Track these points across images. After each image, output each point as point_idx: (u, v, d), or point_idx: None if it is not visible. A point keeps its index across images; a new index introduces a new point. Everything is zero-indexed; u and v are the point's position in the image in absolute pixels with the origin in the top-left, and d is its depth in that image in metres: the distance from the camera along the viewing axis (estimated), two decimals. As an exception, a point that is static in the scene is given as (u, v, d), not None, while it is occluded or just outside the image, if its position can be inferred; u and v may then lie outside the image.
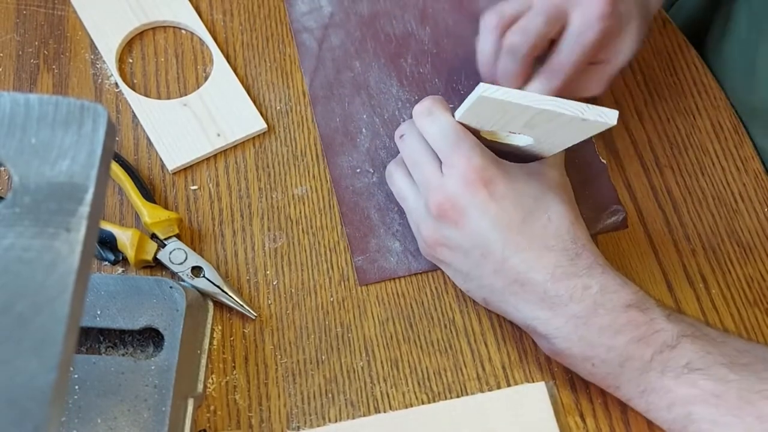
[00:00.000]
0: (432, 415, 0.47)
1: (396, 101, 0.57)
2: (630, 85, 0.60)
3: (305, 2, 0.62)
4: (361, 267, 0.52)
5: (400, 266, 0.52)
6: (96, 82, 0.58)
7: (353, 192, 0.54)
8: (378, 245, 0.53)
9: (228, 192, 0.55)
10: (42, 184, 0.26)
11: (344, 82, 0.58)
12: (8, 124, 0.27)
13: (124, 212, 0.54)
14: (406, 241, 0.53)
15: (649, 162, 0.57)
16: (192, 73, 0.59)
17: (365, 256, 0.52)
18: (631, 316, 0.43)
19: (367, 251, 0.52)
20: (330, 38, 0.60)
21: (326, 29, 0.60)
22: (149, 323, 0.46)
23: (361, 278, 0.52)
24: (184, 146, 0.55)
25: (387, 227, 0.53)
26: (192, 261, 0.50)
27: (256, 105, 0.57)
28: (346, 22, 0.61)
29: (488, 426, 0.46)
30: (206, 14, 0.62)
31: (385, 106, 0.58)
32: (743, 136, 0.58)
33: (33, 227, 0.26)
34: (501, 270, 0.45)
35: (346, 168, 0.55)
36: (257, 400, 0.48)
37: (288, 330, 0.50)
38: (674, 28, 0.62)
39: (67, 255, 0.25)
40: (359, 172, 0.55)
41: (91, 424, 0.43)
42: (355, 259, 0.52)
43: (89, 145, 0.27)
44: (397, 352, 0.50)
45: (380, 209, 0.54)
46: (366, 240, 0.53)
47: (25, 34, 0.60)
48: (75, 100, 0.28)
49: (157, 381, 0.44)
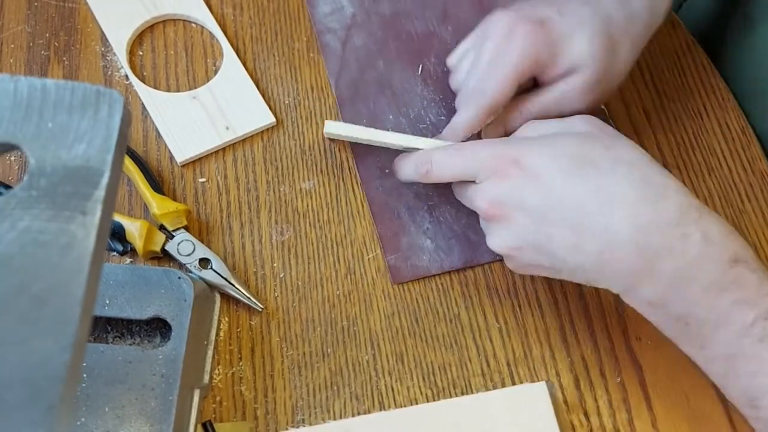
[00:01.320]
0: (432, 414, 0.47)
1: (421, 100, 0.58)
2: (638, 85, 0.60)
3: (327, 3, 0.62)
4: (395, 265, 0.52)
5: (432, 264, 0.52)
6: (106, 74, 0.59)
7: (383, 192, 0.54)
8: (409, 243, 0.53)
9: (236, 185, 0.55)
10: (58, 168, 0.27)
11: (369, 81, 0.59)
12: (25, 108, 0.28)
13: (133, 203, 0.54)
14: (438, 239, 0.53)
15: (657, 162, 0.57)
16: (201, 66, 0.59)
17: (397, 255, 0.52)
18: (739, 274, 0.38)
19: (399, 250, 0.52)
20: (353, 39, 0.60)
21: (349, 30, 0.61)
22: (157, 313, 0.46)
23: (395, 276, 0.52)
24: (193, 139, 0.56)
25: (417, 226, 0.53)
26: (200, 253, 0.51)
27: (264, 99, 0.57)
28: (367, 22, 0.61)
29: (488, 425, 0.46)
30: (216, 8, 0.62)
31: (410, 105, 0.58)
32: (750, 137, 0.58)
33: (49, 210, 0.26)
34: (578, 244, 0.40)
35: (374, 168, 0.55)
36: (263, 391, 0.48)
37: (294, 322, 0.50)
38: (683, 28, 0.63)
39: (82, 238, 0.25)
40: (388, 173, 0.55)
41: (99, 412, 0.43)
42: (387, 258, 0.52)
43: (105, 129, 0.27)
44: (403, 346, 0.50)
45: (410, 208, 0.54)
46: (398, 239, 0.53)
47: (36, 26, 0.60)
48: (91, 85, 0.28)
49: (164, 370, 0.44)
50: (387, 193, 0.54)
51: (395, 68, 0.59)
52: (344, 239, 0.53)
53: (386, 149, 0.54)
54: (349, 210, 0.54)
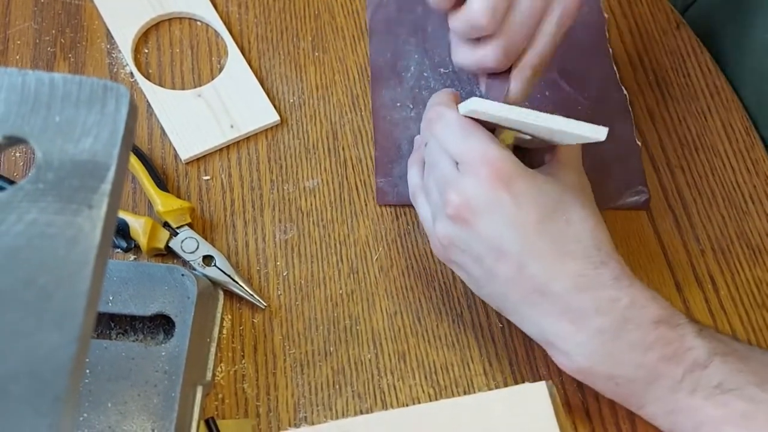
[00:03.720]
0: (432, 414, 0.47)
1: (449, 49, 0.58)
2: (642, 85, 0.60)
3: None
4: (382, 188, 0.55)
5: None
6: (111, 71, 0.59)
7: (390, 122, 0.57)
8: (401, 173, 0.55)
9: (240, 183, 0.55)
10: (65, 162, 0.27)
11: (404, 21, 0.61)
12: (33, 102, 0.28)
13: (137, 200, 0.54)
14: None
15: (660, 162, 0.57)
16: (206, 64, 0.60)
17: (387, 180, 0.55)
18: (662, 333, 0.40)
19: (390, 175, 0.55)
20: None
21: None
22: (160, 310, 0.46)
23: (380, 198, 0.55)
24: (198, 137, 0.56)
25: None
26: (203, 250, 0.51)
27: (269, 97, 0.58)
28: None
29: (488, 425, 0.46)
30: (222, 6, 0.62)
31: (436, 50, 0.60)
32: (755, 138, 0.58)
33: (56, 203, 0.26)
34: (517, 279, 0.42)
35: (388, 100, 0.58)
36: (265, 389, 0.48)
37: (297, 321, 0.50)
38: (688, 29, 0.63)
39: (89, 231, 0.26)
40: (399, 106, 0.58)
41: (102, 408, 0.43)
42: (377, 180, 0.55)
43: (112, 124, 0.28)
44: (405, 345, 0.50)
45: (411, 142, 0.56)
46: (391, 165, 0.56)
47: (42, 23, 0.61)
48: (98, 80, 0.28)
49: (167, 367, 0.44)
50: (394, 124, 0.57)
51: (432, 15, 0.61)
52: (347, 238, 0.53)
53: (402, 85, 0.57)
54: (352, 209, 0.54)
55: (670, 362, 0.40)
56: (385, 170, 0.56)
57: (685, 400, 0.40)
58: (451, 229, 0.44)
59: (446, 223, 0.44)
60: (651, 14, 0.64)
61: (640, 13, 0.64)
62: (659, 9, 0.64)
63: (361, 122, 0.58)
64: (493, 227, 0.42)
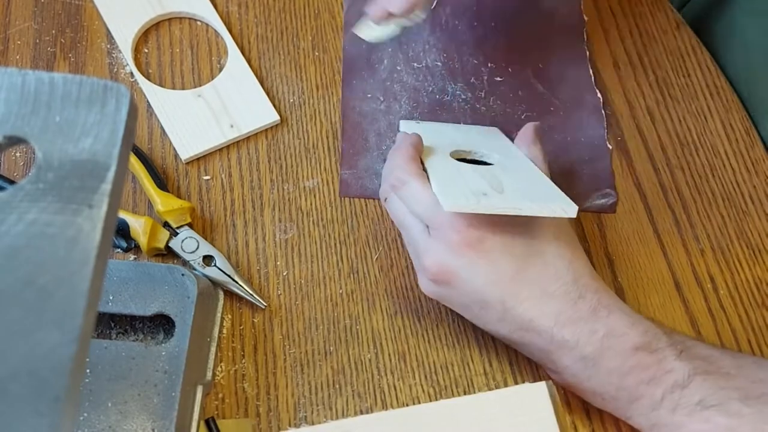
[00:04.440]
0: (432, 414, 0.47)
1: (423, 44, 0.60)
2: (642, 85, 0.60)
3: None
4: (346, 180, 0.55)
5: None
6: (112, 71, 0.59)
7: (359, 113, 0.57)
8: (367, 165, 0.55)
9: (240, 183, 0.55)
10: (65, 161, 0.27)
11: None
12: (33, 101, 0.28)
13: (137, 200, 0.54)
14: None
15: (660, 162, 0.57)
16: (207, 64, 0.60)
17: (352, 172, 0.55)
18: (640, 359, 0.42)
19: (355, 167, 0.55)
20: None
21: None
22: (161, 310, 0.46)
23: (343, 190, 0.55)
24: (198, 136, 0.56)
25: (380, 152, 0.56)
26: (203, 250, 0.51)
27: (269, 97, 0.58)
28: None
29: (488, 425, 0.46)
30: (222, 6, 0.62)
31: (411, 45, 0.60)
32: (755, 139, 0.58)
33: (56, 203, 0.26)
34: (504, 319, 0.45)
35: (358, 91, 0.58)
36: (265, 389, 0.48)
37: (297, 321, 0.50)
38: (687, 29, 0.63)
39: (89, 231, 0.26)
40: (369, 98, 0.58)
41: (102, 407, 0.43)
42: (342, 172, 0.55)
43: (112, 124, 0.28)
44: (405, 345, 0.50)
45: (379, 135, 0.56)
46: (357, 157, 0.56)
47: (42, 23, 0.61)
48: (98, 79, 0.28)
49: (167, 367, 0.44)
50: (362, 116, 0.57)
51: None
52: (347, 238, 0.53)
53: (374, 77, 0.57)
54: (352, 209, 0.54)
55: (649, 385, 0.42)
56: (351, 162, 0.55)
57: (667, 417, 0.42)
58: (434, 288, 0.46)
59: (429, 283, 0.46)
60: (651, 14, 0.64)
61: (640, 13, 0.64)
62: (659, 9, 0.64)
63: (361, 122, 0.58)
64: (473, 285, 0.44)
